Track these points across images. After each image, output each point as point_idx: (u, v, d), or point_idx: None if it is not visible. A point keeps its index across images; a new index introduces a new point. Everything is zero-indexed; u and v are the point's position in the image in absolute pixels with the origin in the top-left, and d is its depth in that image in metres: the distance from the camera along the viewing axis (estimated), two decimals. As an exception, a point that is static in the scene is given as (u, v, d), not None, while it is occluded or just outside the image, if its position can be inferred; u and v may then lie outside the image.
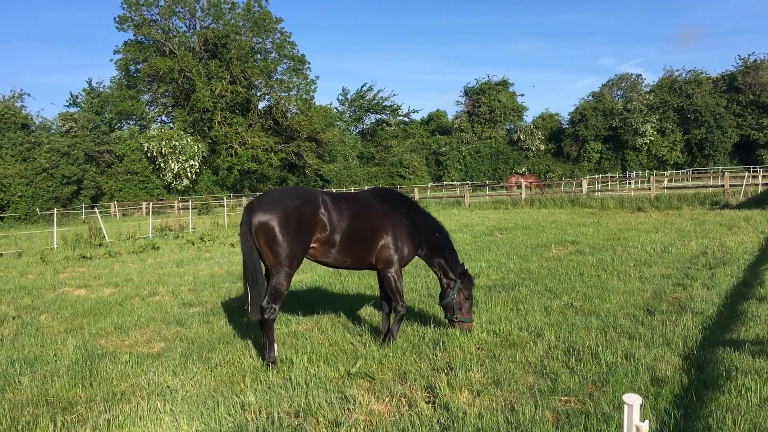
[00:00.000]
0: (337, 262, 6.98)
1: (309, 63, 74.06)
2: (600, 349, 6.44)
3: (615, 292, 9.49)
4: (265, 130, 71.57)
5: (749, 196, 28.83)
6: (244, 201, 53.51)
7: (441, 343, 6.93)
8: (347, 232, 6.80)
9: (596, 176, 63.20)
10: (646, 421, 2.02)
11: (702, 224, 19.15)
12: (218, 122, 67.07)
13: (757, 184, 33.19)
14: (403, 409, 5.19)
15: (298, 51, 73.55)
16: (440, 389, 5.45)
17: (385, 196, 7.46)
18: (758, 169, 52.51)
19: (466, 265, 12.68)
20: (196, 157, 62.61)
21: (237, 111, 70.25)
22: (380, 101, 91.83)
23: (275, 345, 6.82)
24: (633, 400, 2.02)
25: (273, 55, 72.20)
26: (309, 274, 12.92)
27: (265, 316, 6.54)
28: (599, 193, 36.35)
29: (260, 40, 70.40)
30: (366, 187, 56.62)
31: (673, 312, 8.09)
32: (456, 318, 7.38)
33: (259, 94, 72.94)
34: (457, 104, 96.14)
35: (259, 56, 71.35)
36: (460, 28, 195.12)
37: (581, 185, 37.29)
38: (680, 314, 7.90)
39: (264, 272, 6.75)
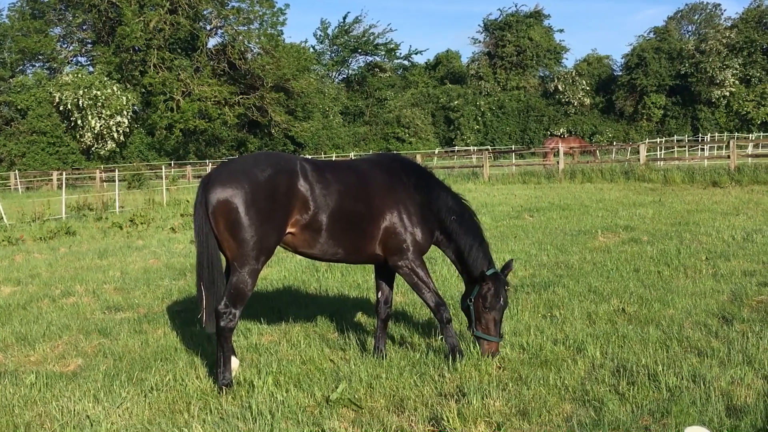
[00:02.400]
0: (326, 253, 6.97)
1: (276, -15, 73.57)
2: (660, 368, 6.49)
3: (681, 294, 9.54)
4: (217, 76, 71.25)
5: None
6: (189, 170, 53.41)
7: (451, 360, 6.97)
8: (337, 212, 6.74)
9: (658, 140, 63.29)
10: None
11: (797, 204, 19.23)
12: (154, 65, 66.71)
13: None
14: (399, 448, 5.23)
15: (261, -31, 73.06)
16: (449, 421, 5.50)
17: (389, 164, 7.42)
18: None
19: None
20: (125, 112, 62.34)
21: (179, 50, 69.84)
22: (371, 38, 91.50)
23: (233, 362, 6.86)
24: None
25: (228, -26, 71.72)
26: (275, 269, 12.95)
27: (221, 323, 6.49)
28: (662, 163, 36.45)
29: (210, -45, 69.93)
30: (352, 154, 56.34)
31: (757, 320, 8.14)
32: (473, 332, 7.25)
33: (209, 28, 72.53)
34: (475, 43, 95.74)
35: (209, -24, 70.85)
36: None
37: (638, 152, 37.36)
38: (766, 323, 7.96)
39: (225, 268, 6.76)
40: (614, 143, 67.44)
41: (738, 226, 15.63)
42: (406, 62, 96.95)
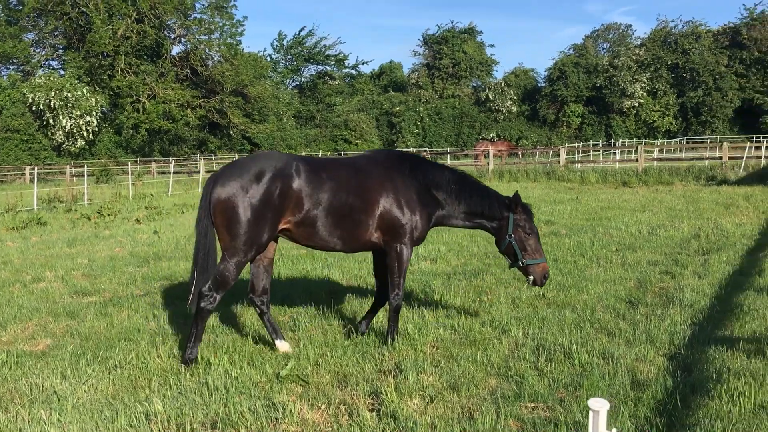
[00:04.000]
0: (326, 244, 6.91)
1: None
2: (574, 347, 6.61)
3: (594, 281, 9.73)
4: (181, 80, 70.29)
5: (750, 171, 29.82)
6: (154, 167, 52.65)
7: (390, 341, 6.99)
8: (331, 207, 6.68)
9: (576, 144, 64.34)
10: (614, 430, 2.10)
11: (696, 203, 19.74)
12: (121, 70, 65.50)
13: (760, 157, 34.23)
14: (342, 419, 5.23)
15: (221, -16, 72.21)
16: (387, 395, 5.51)
17: (384, 158, 7.28)
18: (761, 139, 54.30)
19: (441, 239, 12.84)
20: (94, 113, 61.08)
21: (145, 57, 68.65)
22: (323, 49, 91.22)
23: (282, 345, 6.93)
24: (599, 406, 2.08)
25: (190, -12, 70.69)
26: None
27: (202, 304, 6.53)
28: (579, 165, 37.07)
29: (175, -31, 68.81)
30: (303, 153, 56.07)
31: (659, 304, 8.36)
32: (523, 263, 7.16)
33: (172, 37, 71.45)
34: (415, 55, 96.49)
35: (173, -11, 69.77)
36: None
37: (559, 155, 37.95)
38: (667, 307, 8.17)
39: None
40: (538, 147, 68.35)
41: (644, 221, 15.97)
42: (353, 71, 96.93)
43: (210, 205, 6.47)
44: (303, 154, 59.51)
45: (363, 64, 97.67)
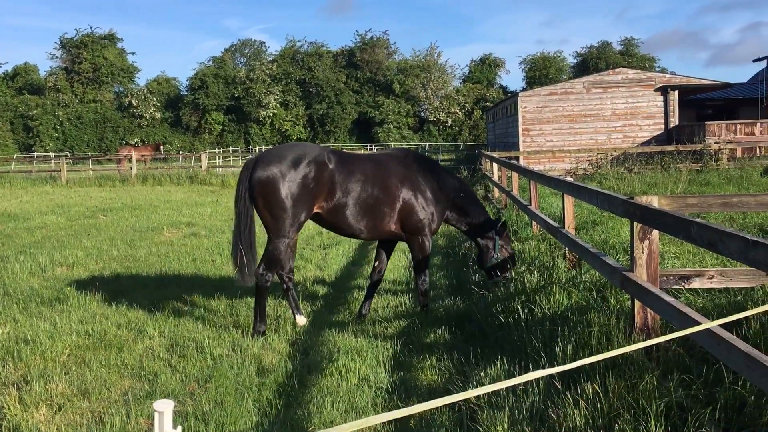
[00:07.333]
0: (352, 231, 7.20)
1: None
2: (207, 342, 6.60)
3: (230, 278, 9.82)
4: None
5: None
6: None
7: (16, 353, 6.33)
8: (358, 196, 6.96)
9: (217, 150, 64.56)
10: (179, 428, 2.12)
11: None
12: None
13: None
14: (-44, 442, 4.61)
15: None
16: (9, 408, 4.99)
17: (404, 157, 7.60)
18: (373, 148, 59.79)
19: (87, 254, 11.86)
20: None
21: None
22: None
23: (300, 319, 7.27)
24: (164, 407, 2.08)
25: None
26: None
27: (260, 283, 6.85)
28: (220, 170, 37.33)
29: None
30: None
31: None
32: (506, 277, 7.73)
33: None
34: (52, 58, 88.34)
35: None
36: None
37: (200, 160, 37.76)
38: (291, 297, 8.55)
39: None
40: (181, 152, 67.32)
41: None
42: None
43: (251, 187, 6.72)
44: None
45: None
